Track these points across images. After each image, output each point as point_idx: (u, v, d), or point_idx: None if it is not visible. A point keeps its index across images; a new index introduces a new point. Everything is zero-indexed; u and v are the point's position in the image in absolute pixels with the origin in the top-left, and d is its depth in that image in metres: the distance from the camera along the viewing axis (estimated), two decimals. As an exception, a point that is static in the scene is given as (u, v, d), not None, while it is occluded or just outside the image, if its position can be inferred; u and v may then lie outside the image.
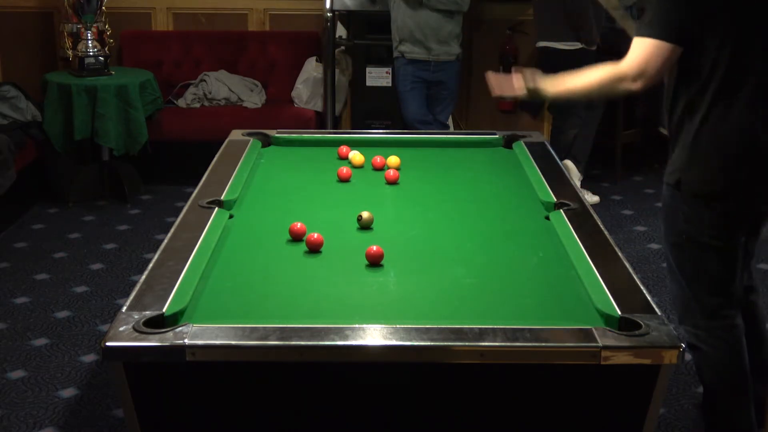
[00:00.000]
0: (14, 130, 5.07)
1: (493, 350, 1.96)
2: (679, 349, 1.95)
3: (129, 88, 5.17)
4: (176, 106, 5.80)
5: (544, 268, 2.50)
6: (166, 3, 6.07)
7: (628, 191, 5.69)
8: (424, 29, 5.03)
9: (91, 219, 5.12)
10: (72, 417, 3.15)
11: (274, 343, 1.95)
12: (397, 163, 3.38)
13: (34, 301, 4.06)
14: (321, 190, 3.20)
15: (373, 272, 2.43)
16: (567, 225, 2.71)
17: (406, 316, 2.14)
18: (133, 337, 1.96)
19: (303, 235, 2.60)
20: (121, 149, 5.21)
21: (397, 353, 1.97)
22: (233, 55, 6.02)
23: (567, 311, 2.19)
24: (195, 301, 2.20)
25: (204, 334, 1.98)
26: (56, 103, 5.14)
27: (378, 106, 5.68)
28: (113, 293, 4.14)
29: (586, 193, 5.21)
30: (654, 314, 2.09)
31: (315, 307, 2.23)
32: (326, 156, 3.58)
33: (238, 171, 3.21)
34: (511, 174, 3.37)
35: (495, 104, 6.09)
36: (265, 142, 3.70)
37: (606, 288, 2.25)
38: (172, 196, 5.44)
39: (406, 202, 3.08)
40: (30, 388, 3.33)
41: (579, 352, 1.96)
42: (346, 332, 1.99)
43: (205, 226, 2.64)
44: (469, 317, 2.14)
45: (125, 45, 5.95)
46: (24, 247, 4.71)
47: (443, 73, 5.15)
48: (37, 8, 5.93)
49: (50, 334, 3.74)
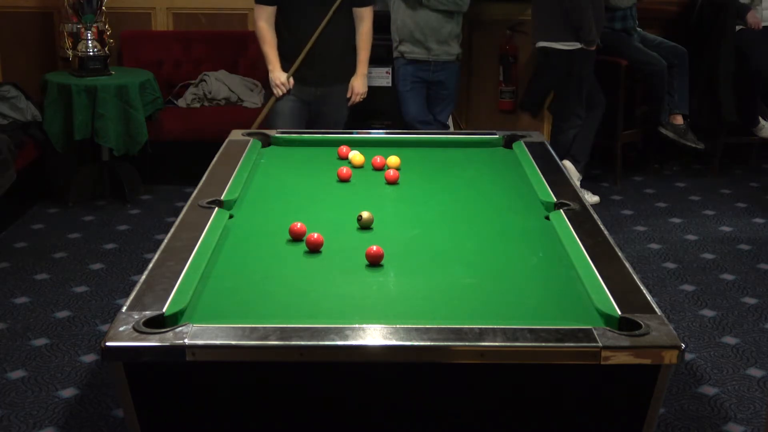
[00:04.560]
0: (14, 130, 5.07)
1: (493, 350, 1.96)
2: (679, 349, 1.95)
3: (129, 88, 5.17)
4: (176, 106, 5.80)
5: (544, 268, 2.51)
6: (166, 3, 6.07)
7: (628, 191, 5.69)
8: (423, 29, 5.03)
9: (91, 219, 5.12)
10: (72, 417, 3.15)
11: (274, 343, 1.95)
12: (397, 163, 3.38)
13: (34, 301, 4.06)
14: (321, 190, 3.20)
15: (373, 272, 2.43)
16: (567, 225, 2.71)
17: (406, 316, 2.14)
18: (133, 337, 1.96)
19: (303, 235, 2.60)
20: (121, 149, 5.21)
21: (397, 353, 1.97)
22: (233, 55, 6.02)
23: (567, 311, 2.19)
24: (195, 301, 2.20)
25: (204, 334, 1.98)
26: (56, 103, 5.14)
27: (378, 106, 5.67)
28: (113, 293, 4.14)
29: (586, 193, 5.21)
30: (654, 314, 2.09)
31: (315, 307, 2.23)
32: (326, 156, 3.58)
33: (238, 171, 3.22)
34: (511, 174, 3.37)
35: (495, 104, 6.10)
36: (265, 142, 3.70)
37: (606, 288, 2.25)
38: (172, 196, 5.43)
39: (406, 202, 3.08)
40: (30, 388, 3.33)
41: (579, 352, 1.96)
42: (346, 332, 1.99)
43: (205, 226, 2.64)
44: (469, 317, 2.15)
45: (125, 45, 5.95)
46: (24, 247, 4.71)
47: (443, 73, 5.15)
48: (37, 8, 5.93)
49: (50, 334, 3.74)
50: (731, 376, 3.45)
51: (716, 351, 3.64)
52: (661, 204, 5.46)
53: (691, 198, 5.58)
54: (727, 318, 3.93)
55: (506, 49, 5.98)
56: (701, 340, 3.73)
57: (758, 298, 4.14)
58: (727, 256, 4.63)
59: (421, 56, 5.09)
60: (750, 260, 4.58)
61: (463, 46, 5.36)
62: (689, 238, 4.90)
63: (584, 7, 5.06)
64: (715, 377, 3.44)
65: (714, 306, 4.05)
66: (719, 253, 4.66)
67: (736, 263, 4.54)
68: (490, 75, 6.11)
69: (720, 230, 5.02)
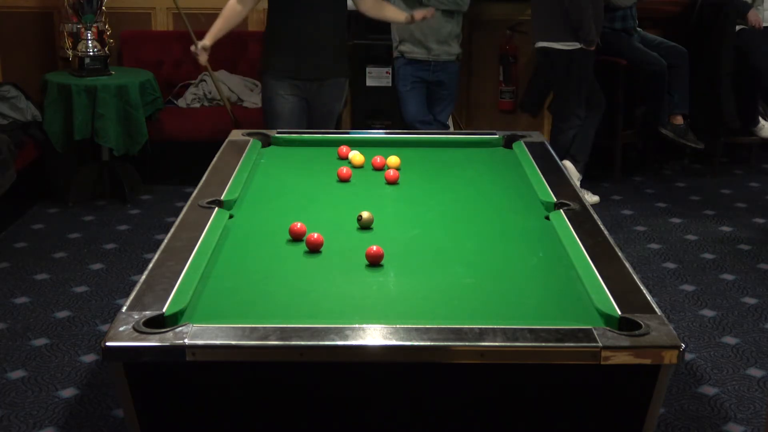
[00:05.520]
0: (14, 130, 5.07)
1: (493, 350, 1.96)
2: (679, 349, 1.95)
3: (129, 88, 5.17)
4: (176, 106, 5.80)
5: (544, 268, 2.51)
6: (166, 3, 6.06)
7: (628, 191, 5.69)
8: (423, 29, 5.03)
9: (91, 219, 5.12)
10: (72, 417, 3.15)
11: (274, 343, 1.95)
12: (397, 163, 3.38)
13: (34, 301, 4.06)
14: (321, 190, 3.20)
15: (373, 272, 2.43)
16: (567, 225, 2.71)
17: (406, 316, 2.14)
18: (133, 337, 1.96)
19: (303, 235, 2.60)
20: (121, 149, 5.21)
21: (397, 353, 1.97)
22: (233, 55, 6.02)
23: (567, 311, 2.19)
24: (195, 301, 2.20)
25: (204, 334, 1.98)
26: (56, 103, 5.14)
27: (378, 106, 5.68)
28: (113, 293, 4.14)
29: (586, 193, 5.21)
30: (654, 314, 2.09)
31: (315, 307, 2.23)
32: (326, 156, 3.58)
33: (238, 171, 3.22)
34: (511, 174, 3.37)
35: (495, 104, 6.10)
36: (265, 142, 3.70)
37: (606, 288, 2.25)
38: (172, 196, 5.43)
39: (406, 202, 3.08)
40: (30, 388, 3.33)
41: (579, 352, 1.96)
42: (346, 332, 1.99)
43: (205, 226, 2.64)
44: (469, 317, 2.14)
45: (125, 45, 5.95)
46: (24, 247, 4.71)
47: (443, 73, 5.15)
48: (37, 8, 5.93)
49: (50, 334, 3.74)
50: (731, 376, 3.45)
51: (716, 351, 3.64)
52: (661, 204, 5.46)
53: (691, 198, 5.58)
54: (727, 318, 3.93)
55: (506, 49, 5.98)
56: (701, 340, 3.73)
57: (758, 298, 4.14)
58: (727, 256, 4.63)
59: (421, 56, 5.09)
60: (750, 260, 4.58)
61: (463, 46, 5.36)
62: (689, 238, 4.90)
63: (584, 6, 5.06)
64: (715, 377, 3.44)
65: (714, 306, 4.05)
66: (719, 253, 4.66)
67: (736, 263, 4.54)
68: (490, 75, 6.12)
69: (720, 230, 5.02)
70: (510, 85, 6.05)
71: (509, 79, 6.04)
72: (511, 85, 6.06)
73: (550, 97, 5.67)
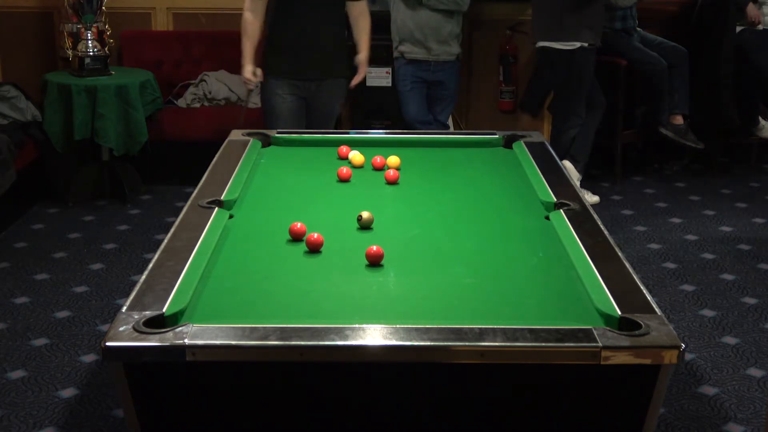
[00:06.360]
0: (14, 130, 5.07)
1: (493, 350, 1.96)
2: (679, 349, 1.95)
3: (129, 88, 5.17)
4: (176, 106, 5.80)
5: (544, 268, 2.51)
6: (166, 3, 6.07)
7: (628, 191, 5.69)
8: (423, 29, 5.03)
9: (91, 219, 5.12)
10: (72, 417, 3.15)
11: (274, 343, 1.95)
12: (397, 163, 3.38)
13: (34, 301, 4.06)
14: (321, 190, 3.20)
15: (373, 272, 2.43)
16: (567, 225, 2.71)
17: (406, 316, 2.14)
18: (133, 337, 1.96)
19: (303, 235, 2.60)
20: (121, 149, 5.21)
21: (397, 353, 1.97)
22: (233, 55, 5.99)
23: (567, 311, 2.19)
24: (195, 301, 2.20)
25: (204, 334, 1.98)
26: (56, 103, 5.14)
27: (378, 106, 5.68)
28: (113, 293, 4.14)
29: (586, 193, 5.21)
30: (654, 314, 2.09)
31: (315, 307, 2.23)
32: (326, 156, 3.58)
33: (238, 171, 3.22)
34: (511, 174, 3.37)
35: (495, 104, 6.10)
36: (265, 142, 3.70)
37: (606, 288, 2.25)
38: (172, 196, 5.43)
39: (406, 202, 3.08)
40: (30, 388, 3.33)
41: (579, 352, 1.96)
42: (346, 332, 1.99)
43: (205, 226, 2.64)
44: (469, 317, 2.14)
45: (125, 45, 5.95)
46: (24, 247, 4.71)
47: (443, 73, 5.15)
48: (37, 8, 5.92)
49: (50, 334, 3.74)
50: (731, 376, 3.45)
51: (716, 351, 3.64)
52: (661, 204, 5.46)
53: (691, 198, 5.58)
54: (727, 318, 3.93)
55: (506, 49, 5.98)
56: (701, 340, 3.73)
57: (758, 298, 4.14)
58: (727, 256, 4.63)
59: (421, 56, 5.09)
60: (750, 260, 4.58)
61: (463, 46, 5.36)
62: (689, 238, 4.90)
63: None
64: (715, 377, 3.44)
65: (714, 306, 4.05)
66: (719, 253, 4.66)
67: (736, 263, 4.54)
68: (490, 75, 6.12)
69: (720, 230, 5.02)
70: (510, 85, 6.05)
71: (509, 79, 6.03)
72: (511, 85, 6.06)
73: (550, 97, 5.67)
